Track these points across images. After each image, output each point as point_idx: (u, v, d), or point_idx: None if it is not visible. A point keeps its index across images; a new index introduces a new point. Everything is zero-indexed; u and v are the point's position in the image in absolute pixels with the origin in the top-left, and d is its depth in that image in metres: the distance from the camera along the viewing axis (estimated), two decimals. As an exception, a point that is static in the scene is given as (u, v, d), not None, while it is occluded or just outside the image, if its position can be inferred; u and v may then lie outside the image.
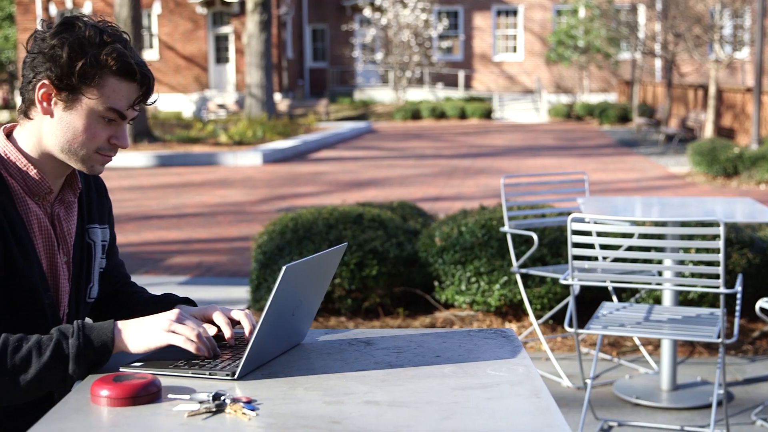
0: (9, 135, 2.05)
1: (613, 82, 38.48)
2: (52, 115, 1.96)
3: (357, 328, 3.64)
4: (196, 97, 36.02)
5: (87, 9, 37.85)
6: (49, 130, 1.97)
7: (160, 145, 22.31)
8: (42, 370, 1.80)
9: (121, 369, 1.83)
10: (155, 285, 7.26)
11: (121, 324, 1.88)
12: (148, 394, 1.67)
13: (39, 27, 1.99)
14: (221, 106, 35.39)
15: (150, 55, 36.40)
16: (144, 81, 1.99)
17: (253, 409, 1.60)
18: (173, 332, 1.87)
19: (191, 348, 1.86)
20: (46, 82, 1.94)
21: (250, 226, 10.52)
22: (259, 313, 6.13)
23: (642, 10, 29.76)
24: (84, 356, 1.81)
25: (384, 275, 5.98)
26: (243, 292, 6.72)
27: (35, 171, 2.00)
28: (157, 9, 37.17)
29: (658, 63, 34.25)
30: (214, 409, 1.61)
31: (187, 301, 2.22)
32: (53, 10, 38.10)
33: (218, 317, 2.03)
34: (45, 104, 1.96)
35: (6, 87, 57.26)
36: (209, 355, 1.88)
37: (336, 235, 6.05)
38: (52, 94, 1.95)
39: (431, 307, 6.20)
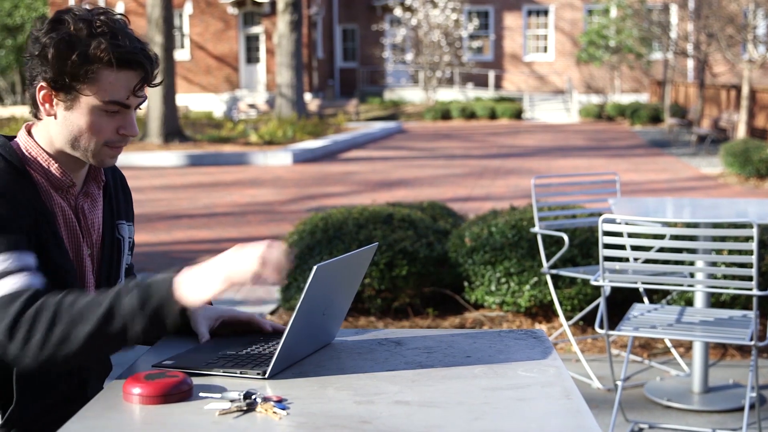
0: (30, 131, 2.07)
1: (645, 83, 38.23)
2: (55, 117, 1.97)
3: (386, 328, 3.64)
4: (226, 96, 36.17)
5: (119, 10, 38.08)
6: (56, 130, 1.99)
7: (191, 144, 22.42)
8: (100, 323, 1.78)
9: (152, 367, 1.85)
10: (186, 284, 7.29)
11: (180, 277, 1.83)
12: (180, 393, 1.68)
13: (33, 26, 1.98)
14: (252, 106, 35.53)
15: (181, 55, 36.59)
16: (139, 66, 1.96)
17: (283, 408, 1.60)
18: (231, 271, 1.79)
19: (256, 280, 1.79)
20: (43, 84, 1.95)
21: (280, 226, 10.54)
22: (289, 312, 6.14)
23: (674, 9, 29.55)
24: (143, 308, 1.79)
25: (414, 275, 5.98)
26: (273, 291, 6.74)
27: (56, 166, 2.02)
28: (188, 9, 37.36)
29: (690, 63, 33.99)
30: (245, 408, 1.61)
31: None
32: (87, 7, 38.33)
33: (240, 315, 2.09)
34: (47, 106, 1.97)
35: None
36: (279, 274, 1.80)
37: (366, 235, 6.05)
38: (52, 96, 1.96)
39: (461, 308, 6.19)
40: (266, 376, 1.78)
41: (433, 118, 34.24)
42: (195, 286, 1.80)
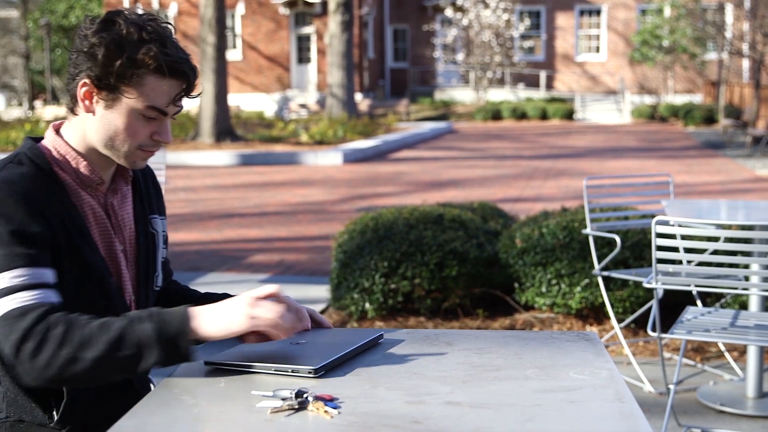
0: (58, 131, 2.09)
1: (699, 83, 37.76)
2: (94, 113, 1.99)
3: (436, 329, 3.64)
4: (278, 96, 36.38)
5: (172, 10, 38.47)
6: (92, 127, 2.01)
7: (242, 144, 22.58)
8: (110, 348, 1.77)
9: (205, 362, 1.86)
10: (237, 282, 7.35)
11: (195, 309, 1.83)
12: None
13: (83, 24, 2.00)
14: (302, 106, 35.68)
15: (233, 55, 36.85)
16: (183, 77, 1.98)
17: (335, 407, 1.61)
18: (256, 316, 1.81)
19: (279, 332, 1.82)
20: (86, 81, 1.97)
21: (330, 226, 10.58)
22: (339, 312, 6.16)
23: (729, 9, 29.16)
24: (158, 338, 1.78)
25: (464, 276, 5.96)
26: (323, 291, 6.76)
27: (85, 164, 2.04)
28: (240, 10, 37.62)
29: (745, 63, 33.53)
30: (296, 407, 1.62)
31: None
32: (140, 11, 38.76)
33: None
34: (87, 102, 1.99)
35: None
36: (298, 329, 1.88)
37: (416, 235, 6.05)
38: (93, 93, 1.98)
39: (511, 309, 6.16)
40: (317, 374, 1.78)
41: (483, 118, 34.13)
42: (214, 320, 1.81)
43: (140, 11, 2.02)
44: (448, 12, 38.58)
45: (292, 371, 1.79)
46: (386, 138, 23.92)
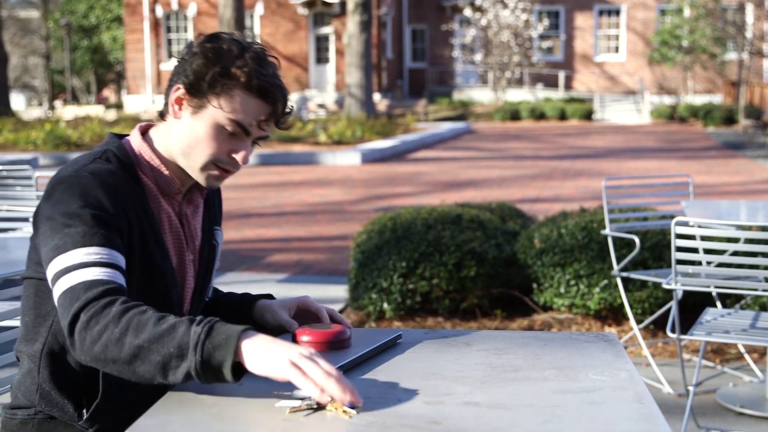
0: (144, 133, 2.10)
1: (719, 83, 37.58)
2: (180, 119, 2.01)
3: (455, 329, 3.63)
4: (296, 96, 36.43)
5: (192, 11, 38.59)
6: (175, 133, 2.02)
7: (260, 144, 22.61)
8: (153, 339, 1.72)
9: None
10: (255, 282, 7.36)
11: (250, 334, 1.71)
12: (341, 341, 1.93)
13: (196, 38, 2.04)
14: (321, 106, 35.73)
15: (252, 55, 36.89)
16: (272, 100, 1.98)
17: (353, 407, 1.61)
18: (299, 369, 1.65)
19: (314, 394, 1.62)
20: (180, 86, 1.99)
21: (348, 225, 10.58)
22: (357, 312, 6.16)
23: (750, 9, 29.00)
24: (198, 345, 1.69)
25: (482, 276, 5.96)
26: (341, 290, 6.77)
27: (166, 171, 2.06)
28: (259, 10, 37.70)
29: (766, 63, 33.35)
30: (315, 406, 1.62)
31: (267, 297, 2.27)
32: (159, 11, 38.94)
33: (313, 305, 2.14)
34: (176, 108, 2.00)
35: (113, 86, 58.75)
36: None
37: (434, 236, 6.05)
38: (184, 99, 1.99)
39: (529, 309, 6.15)
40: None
41: (502, 118, 34.08)
42: (259, 357, 1.68)
43: (248, 37, 2.05)
44: (467, 12, 38.54)
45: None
46: (404, 138, 23.92)
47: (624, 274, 5.29)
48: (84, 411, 2.02)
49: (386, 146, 21.51)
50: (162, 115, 2.06)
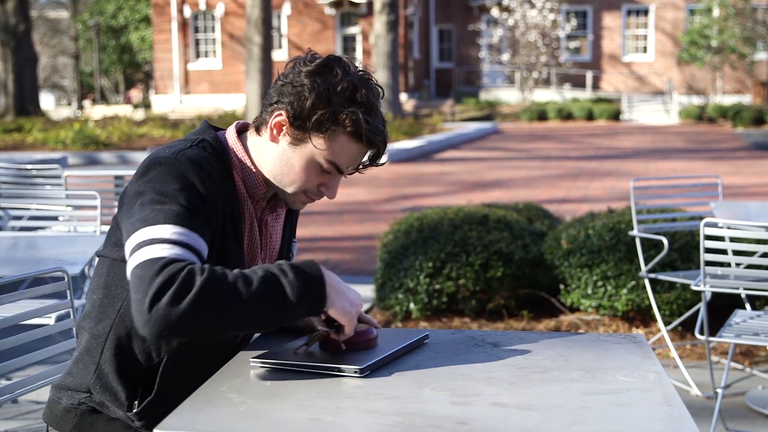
0: (240, 133, 2.11)
1: (748, 84, 37.29)
2: (277, 143, 2.01)
3: (481, 330, 3.62)
4: (323, 96, 36.43)
5: (219, 11, 38.74)
6: (269, 154, 2.03)
7: (287, 143, 22.65)
8: (255, 294, 1.76)
9: (251, 360, 1.87)
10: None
11: (327, 272, 1.86)
12: (367, 340, 1.93)
13: (304, 56, 2.01)
14: (348, 106, 35.71)
15: (279, 55, 37.01)
16: (375, 148, 1.99)
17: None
18: (352, 318, 1.87)
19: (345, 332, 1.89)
20: (283, 113, 1.97)
21: (375, 225, 10.59)
22: (384, 312, 6.17)
23: (780, 8, 28.77)
24: (300, 280, 1.80)
25: (509, 277, 5.94)
26: (368, 290, 6.77)
27: (256, 176, 2.07)
28: (286, 10, 37.80)
29: (796, 64, 33.04)
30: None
31: None
32: (187, 11, 39.12)
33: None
34: (275, 132, 2.00)
35: (141, 86, 59.06)
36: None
37: (461, 236, 6.04)
38: (285, 127, 1.98)
39: (556, 310, 6.13)
40: (362, 373, 1.78)
41: (529, 118, 33.98)
42: (338, 291, 1.86)
43: (359, 66, 2.02)
44: (494, 12, 38.45)
45: (338, 370, 1.80)
46: (431, 138, 23.90)
47: (652, 275, 5.26)
48: (136, 402, 2.04)
49: (413, 146, 21.50)
50: (258, 129, 2.05)
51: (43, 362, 2.71)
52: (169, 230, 1.82)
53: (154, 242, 1.80)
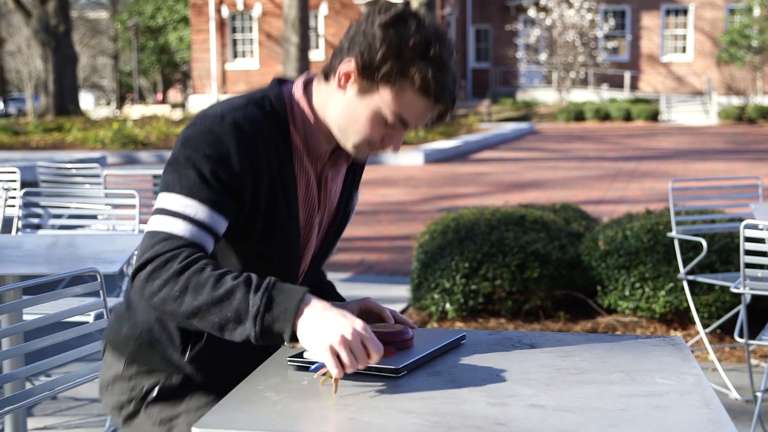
0: (306, 86, 2.07)
1: (789, 84, 36.87)
2: (344, 92, 1.98)
3: (517, 331, 3.61)
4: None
5: (257, 10, 38.90)
6: (336, 103, 1.99)
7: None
8: (211, 304, 1.76)
9: (288, 359, 1.87)
10: (318, 281, 7.39)
11: (307, 305, 1.75)
12: (403, 341, 1.91)
13: (379, 4, 1.98)
14: (384, 106, 35.73)
15: (316, 55, 37.10)
16: (442, 104, 1.96)
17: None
18: (336, 354, 1.70)
19: (335, 373, 1.70)
20: (352, 62, 1.94)
21: (411, 226, 10.58)
22: (419, 312, 6.16)
23: (822, 8, 28.41)
24: (258, 317, 1.74)
25: (545, 278, 5.92)
26: (403, 290, 6.77)
27: (317, 132, 2.05)
28: (323, 10, 37.89)
29: (838, 64, 32.62)
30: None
31: (338, 297, 2.32)
32: (225, 11, 39.33)
33: (377, 308, 2.12)
34: (342, 80, 1.97)
35: (179, 86, 59.45)
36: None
37: (498, 236, 6.02)
38: (353, 76, 1.95)
39: (593, 312, 6.09)
40: (399, 373, 1.78)
41: (566, 119, 33.81)
42: (309, 333, 1.73)
43: (435, 23, 1.97)
44: (531, 12, 38.31)
45: (375, 370, 1.80)
46: (467, 138, 23.86)
47: (690, 277, 5.21)
48: (189, 349, 2.08)
49: (449, 146, 21.47)
50: (326, 76, 2.01)
51: (81, 360, 2.74)
52: (180, 202, 1.87)
53: (163, 212, 1.87)
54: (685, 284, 5.31)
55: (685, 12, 39.51)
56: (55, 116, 35.54)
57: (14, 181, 6.16)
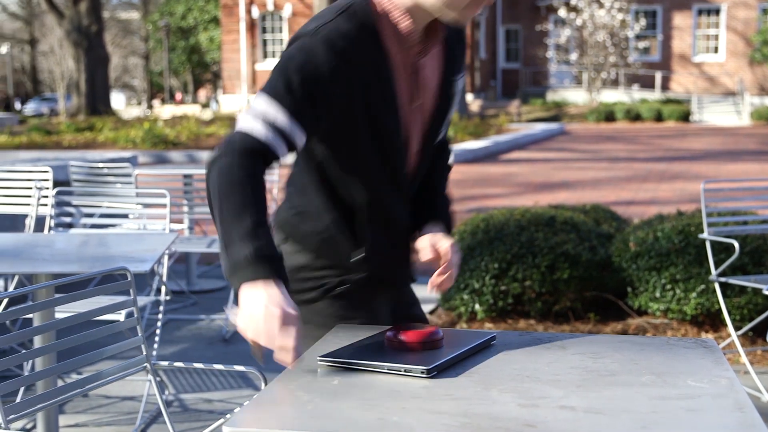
0: None
1: (823, 84, 36.49)
2: None
3: (546, 332, 3.60)
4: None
5: (287, 11, 39.02)
6: None
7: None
8: (224, 230, 1.91)
9: (318, 360, 1.87)
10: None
11: (250, 290, 1.85)
12: (433, 341, 1.91)
13: None
14: (414, 106, 35.73)
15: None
16: None
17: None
18: (256, 340, 1.85)
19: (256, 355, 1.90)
20: None
21: (440, 226, 10.55)
22: (449, 312, 6.16)
23: None
24: (230, 270, 1.88)
25: (575, 279, 5.89)
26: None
27: (406, 21, 2.10)
28: (353, 10, 37.89)
29: None
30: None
31: (447, 224, 2.45)
32: (255, 12, 39.47)
33: (424, 241, 2.29)
34: None
35: (209, 86, 59.72)
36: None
37: (527, 237, 6.00)
38: None
39: (623, 314, 6.06)
40: (429, 374, 1.78)
41: (596, 119, 33.66)
42: (242, 311, 1.86)
43: None
44: (562, 12, 38.16)
45: (405, 371, 1.80)
46: (497, 139, 23.80)
47: (722, 279, 5.17)
48: (356, 250, 2.23)
49: (479, 147, 21.43)
50: None
51: (112, 358, 2.76)
52: (264, 106, 2.00)
53: (250, 111, 2.01)
54: (717, 286, 5.27)
55: (717, 12, 39.21)
56: (86, 116, 35.82)
57: (47, 180, 6.21)
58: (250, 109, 2.01)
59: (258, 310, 1.82)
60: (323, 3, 23.04)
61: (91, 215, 6.09)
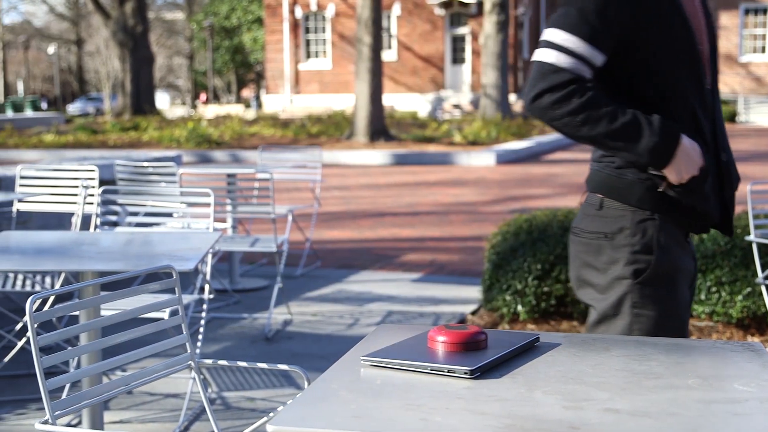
0: None
1: None
2: None
3: (589, 333, 3.57)
4: (431, 97, 36.50)
5: (330, 11, 39.12)
6: None
7: (395, 143, 22.75)
8: (609, 135, 2.22)
9: (362, 360, 1.88)
10: (389, 281, 7.41)
11: (685, 140, 2.27)
12: (476, 342, 1.91)
13: None
14: (456, 106, 35.69)
15: (388, 55, 37.18)
16: None
17: None
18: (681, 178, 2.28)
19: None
20: None
21: (482, 227, 10.54)
22: (491, 313, 6.13)
23: None
24: (660, 136, 2.22)
25: (619, 281, 5.83)
26: (474, 291, 6.75)
27: None
28: (396, 11, 37.92)
29: None
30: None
31: None
32: (299, 12, 39.62)
33: None
34: None
35: (253, 86, 60.03)
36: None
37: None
38: None
39: (668, 316, 5.99)
40: (473, 375, 1.77)
41: (640, 120, 33.39)
42: (681, 161, 2.26)
43: None
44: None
45: (449, 371, 1.79)
46: (540, 139, 23.69)
47: (769, 281, 5.11)
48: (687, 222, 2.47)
49: (521, 147, 21.34)
50: None
51: (156, 355, 2.78)
52: (561, 37, 2.23)
53: (548, 45, 2.24)
54: (763, 289, 5.20)
55: (764, 11, 38.72)
56: (131, 115, 36.18)
57: (93, 179, 6.28)
58: (547, 42, 2.24)
59: (695, 153, 2.28)
60: (367, 2, 23.06)
61: (135, 214, 6.15)
